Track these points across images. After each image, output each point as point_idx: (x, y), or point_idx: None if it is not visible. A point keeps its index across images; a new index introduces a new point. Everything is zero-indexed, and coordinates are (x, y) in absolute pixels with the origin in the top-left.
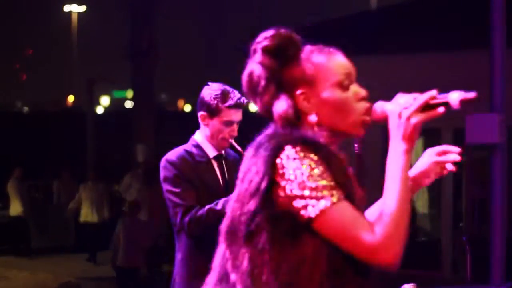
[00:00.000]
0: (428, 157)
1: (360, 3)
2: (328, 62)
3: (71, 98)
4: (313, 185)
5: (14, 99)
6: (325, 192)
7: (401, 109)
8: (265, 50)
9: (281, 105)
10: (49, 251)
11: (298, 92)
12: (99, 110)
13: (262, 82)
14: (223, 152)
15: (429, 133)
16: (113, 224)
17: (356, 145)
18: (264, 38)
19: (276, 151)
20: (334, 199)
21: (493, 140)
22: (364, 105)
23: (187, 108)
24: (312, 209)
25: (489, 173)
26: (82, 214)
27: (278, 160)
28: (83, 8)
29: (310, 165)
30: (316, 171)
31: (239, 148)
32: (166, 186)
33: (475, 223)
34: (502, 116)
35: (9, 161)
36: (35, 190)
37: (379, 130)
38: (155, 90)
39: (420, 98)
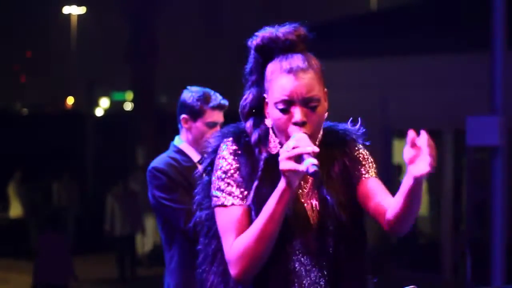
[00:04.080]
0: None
1: (360, 5)
2: (275, 79)
3: (70, 100)
4: (216, 184)
5: (14, 100)
6: (219, 193)
7: (282, 149)
8: (255, 47)
9: (244, 98)
10: None
11: (264, 95)
12: (99, 112)
13: (247, 69)
14: None
15: (430, 134)
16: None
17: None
18: (255, 36)
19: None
20: (222, 202)
21: (493, 142)
22: (294, 130)
23: None
24: (213, 202)
25: (489, 175)
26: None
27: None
28: (82, 10)
29: (223, 164)
30: (222, 173)
31: None
32: (160, 194)
33: (475, 226)
34: (503, 118)
35: (8, 163)
36: (34, 192)
37: (378, 131)
38: (154, 92)
39: (298, 148)
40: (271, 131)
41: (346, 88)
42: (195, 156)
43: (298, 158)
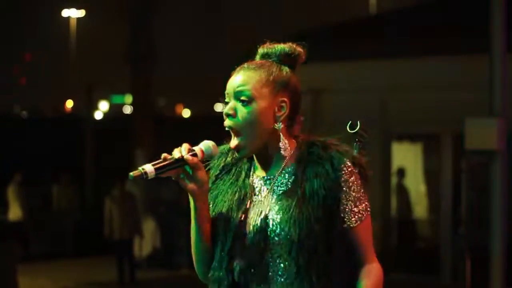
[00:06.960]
0: None
1: (360, 8)
2: None
3: (69, 103)
4: None
5: (13, 103)
6: None
7: None
8: None
9: None
10: (48, 256)
11: None
12: (98, 115)
13: None
14: None
15: (428, 138)
16: None
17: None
18: None
19: None
20: None
21: (492, 146)
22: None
23: (186, 113)
24: None
25: (488, 179)
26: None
27: None
28: (81, 13)
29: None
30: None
31: None
32: None
33: (474, 230)
34: (502, 121)
35: (8, 166)
36: (34, 195)
37: (377, 135)
38: (153, 95)
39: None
40: None
41: (346, 91)
42: None
43: (178, 163)
